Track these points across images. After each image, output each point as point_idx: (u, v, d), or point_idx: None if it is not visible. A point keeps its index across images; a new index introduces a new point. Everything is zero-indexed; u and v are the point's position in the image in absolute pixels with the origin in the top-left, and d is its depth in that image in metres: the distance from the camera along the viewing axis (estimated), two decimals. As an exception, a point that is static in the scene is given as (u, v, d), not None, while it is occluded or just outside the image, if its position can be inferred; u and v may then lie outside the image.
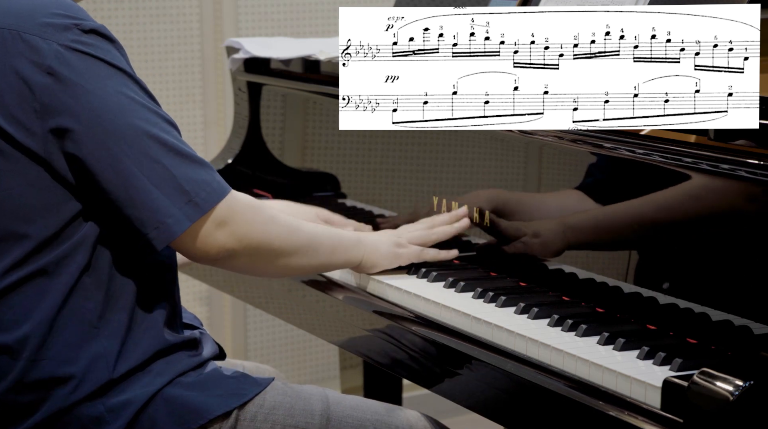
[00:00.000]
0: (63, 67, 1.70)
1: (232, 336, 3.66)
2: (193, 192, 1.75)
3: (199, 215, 1.75)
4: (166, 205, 1.73)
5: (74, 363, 1.73)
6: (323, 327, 2.34)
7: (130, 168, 1.71)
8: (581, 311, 1.91)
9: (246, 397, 1.82)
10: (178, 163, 1.74)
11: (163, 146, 1.73)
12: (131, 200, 1.72)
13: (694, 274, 1.79)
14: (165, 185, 1.73)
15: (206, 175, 1.77)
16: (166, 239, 1.74)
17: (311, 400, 1.88)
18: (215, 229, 1.78)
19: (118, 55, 1.76)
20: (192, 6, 3.51)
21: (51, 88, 1.69)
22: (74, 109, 1.70)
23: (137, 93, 1.75)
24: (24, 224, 1.72)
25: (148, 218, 1.73)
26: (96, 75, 1.71)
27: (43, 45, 1.70)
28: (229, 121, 3.42)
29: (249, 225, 1.82)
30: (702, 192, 1.77)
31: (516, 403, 1.80)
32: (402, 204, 2.41)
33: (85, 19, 1.75)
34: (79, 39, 1.72)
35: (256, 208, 1.85)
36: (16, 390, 1.72)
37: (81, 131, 1.70)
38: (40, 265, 1.72)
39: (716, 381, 1.51)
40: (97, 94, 1.71)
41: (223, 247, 1.79)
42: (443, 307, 1.97)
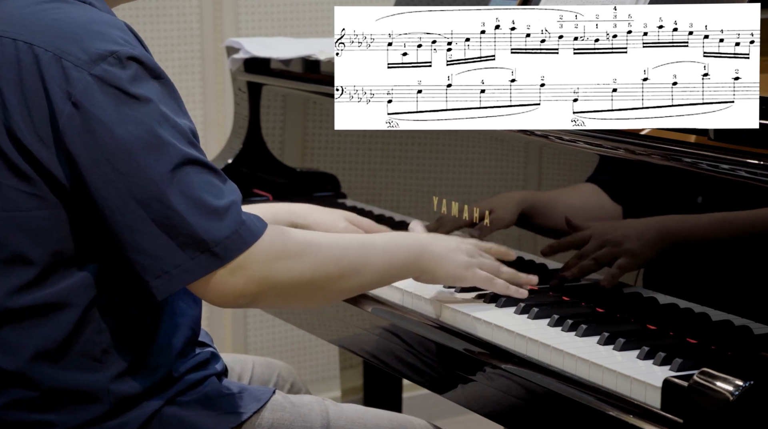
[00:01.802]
0: (87, 98, 1.62)
1: (232, 336, 3.66)
2: (213, 241, 1.62)
3: (217, 266, 1.63)
4: (174, 254, 1.62)
5: (73, 394, 1.69)
6: (323, 327, 2.34)
7: (137, 212, 1.62)
8: (581, 311, 1.91)
9: (243, 416, 1.79)
10: (198, 212, 1.62)
11: (181, 193, 1.62)
12: (135, 245, 1.63)
13: (694, 274, 1.79)
14: (177, 234, 1.62)
15: (232, 224, 1.63)
16: (168, 290, 1.64)
17: (311, 415, 1.85)
18: (229, 276, 1.64)
19: (152, 87, 1.65)
20: (192, 6, 3.51)
21: (73, 118, 1.62)
22: (88, 143, 1.62)
23: (165, 129, 1.63)
24: (33, 248, 1.67)
25: (151, 266, 1.63)
26: (118, 109, 1.62)
27: (75, 74, 1.62)
28: (229, 121, 3.42)
29: (272, 264, 1.67)
30: (702, 192, 1.77)
31: (516, 404, 1.79)
32: (402, 204, 2.41)
33: (124, 44, 1.66)
34: (111, 70, 1.63)
35: (285, 244, 1.70)
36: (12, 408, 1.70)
37: (90, 167, 1.62)
38: (46, 294, 1.67)
39: (716, 381, 1.51)
40: (113, 131, 1.62)
41: (242, 293, 1.66)
42: (443, 307, 1.97)
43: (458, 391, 1.92)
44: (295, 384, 2.19)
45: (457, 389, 1.92)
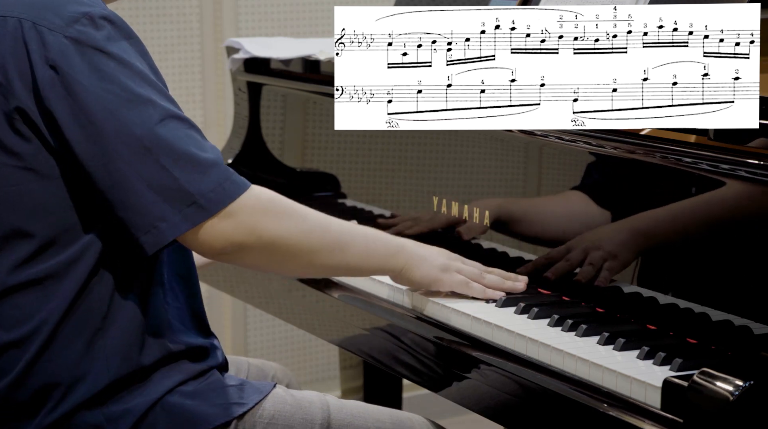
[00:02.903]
0: (64, 60, 1.66)
1: (232, 336, 3.66)
2: (199, 193, 1.68)
3: (203, 218, 1.68)
4: (161, 209, 1.66)
5: (75, 366, 1.72)
6: (323, 327, 2.34)
7: (122, 169, 1.66)
8: (581, 311, 1.91)
9: (245, 406, 1.80)
10: (182, 165, 1.67)
11: (165, 147, 1.67)
12: (123, 202, 1.67)
13: (694, 274, 1.79)
14: (163, 188, 1.66)
15: (216, 176, 1.69)
16: (157, 243, 1.68)
17: (311, 408, 1.86)
18: (219, 221, 1.69)
19: (126, 46, 1.70)
20: (192, 6, 3.51)
21: (52, 81, 1.66)
22: (70, 105, 1.66)
23: (143, 88, 1.68)
24: (29, 222, 1.70)
25: (140, 222, 1.67)
26: (96, 69, 1.67)
27: (50, 38, 1.67)
28: (229, 121, 3.42)
29: (260, 216, 1.72)
30: (702, 192, 1.77)
31: (516, 403, 1.79)
32: (402, 204, 2.41)
33: (96, 5, 1.70)
34: (85, 30, 1.68)
35: (273, 200, 1.75)
36: (16, 388, 1.71)
37: (74, 129, 1.66)
38: (46, 267, 1.70)
39: (716, 381, 1.51)
40: (92, 91, 1.66)
41: (229, 240, 1.70)
42: (443, 307, 1.97)
43: (458, 391, 1.92)
44: (291, 385, 2.20)
45: (457, 389, 1.92)
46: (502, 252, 2.12)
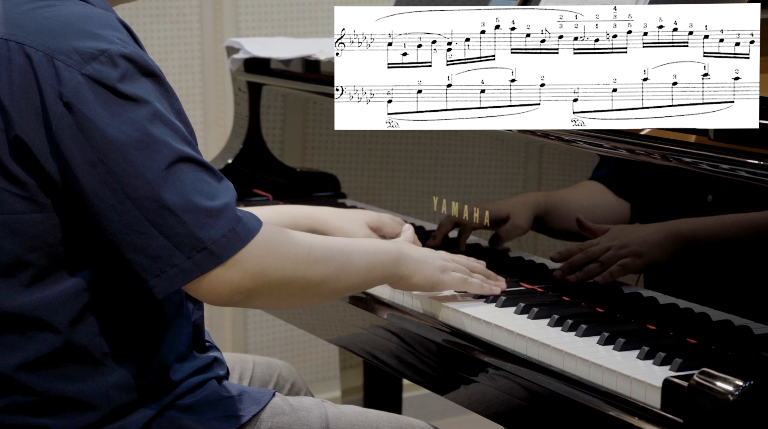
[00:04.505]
0: (78, 99, 1.61)
1: (232, 336, 3.66)
2: (210, 240, 1.62)
3: (215, 265, 1.63)
4: (171, 253, 1.61)
5: (71, 400, 1.69)
6: (323, 327, 2.34)
7: (133, 211, 1.61)
8: (581, 311, 1.91)
9: (242, 419, 1.79)
10: (193, 210, 1.62)
11: (177, 192, 1.61)
12: (132, 244, 1.62)
13: (694, 274, 1.79)
14: (173, 233, 1.62)
15: (227, 221, 1.63)
16: (166, 289, 1.63)
17: (310, 418, 1.85)
18: (225, 272, 1.64)
19: (145, 85, 1.64)
20: (192, 6, 3.51)
21: (65, 118, 1.61)
22: (81, 144, 1.61)
23: (158, 127, 1.62)
24: (27, 251, 1.67)
25: (148, 265, 1.62)
26: (109, 108, 1.61)
27: (66, 74, 1.62)
28: (229, 121, 3.42)
29: (263, 260, 1.66)
30: (701, 192, 1.77)
31: (516, 403, 1.79)
32: (402, 204, 2.41)
33: (116, 42, 1.64)
34: (102, 69, 1.62)
35: (273, 241, 1.69)
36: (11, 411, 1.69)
37: (84, 167, 1.62)
38: (40, 298, 1.67)
39: (716, 381, 1.51)
40: (105, 130, 1.61)
41: (237, 289, 1.65)
42: (443, 307, 1.97)
43: (458, 390, 1.92)
44: (296, 384, 2.19)
45: (456, 389, 1.92)
46: (502, 252, 2.12)
